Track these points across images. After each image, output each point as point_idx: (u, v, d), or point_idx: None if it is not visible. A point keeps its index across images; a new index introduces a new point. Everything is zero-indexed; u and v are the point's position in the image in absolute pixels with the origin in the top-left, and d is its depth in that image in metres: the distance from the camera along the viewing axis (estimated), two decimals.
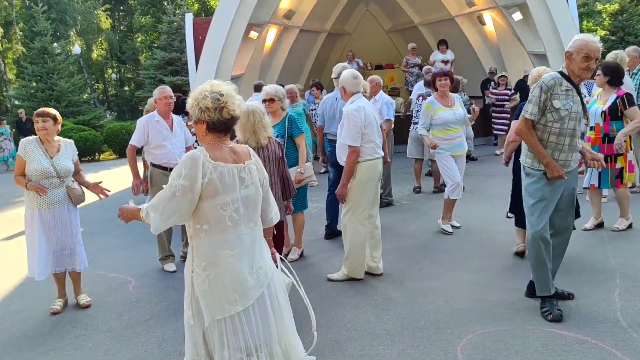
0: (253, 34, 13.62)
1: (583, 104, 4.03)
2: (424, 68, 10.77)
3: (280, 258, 3.22)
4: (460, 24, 15.04)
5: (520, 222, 5.26)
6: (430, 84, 6.74)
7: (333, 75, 6.32)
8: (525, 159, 4.16)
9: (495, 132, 12.25)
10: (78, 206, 4.91)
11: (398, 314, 4.30)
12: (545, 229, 4.01)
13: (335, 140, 5.38)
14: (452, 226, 6.53)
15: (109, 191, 4.90)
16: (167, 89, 5.88)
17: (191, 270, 2.75)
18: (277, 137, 5.54)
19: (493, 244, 5.89)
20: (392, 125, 7.85)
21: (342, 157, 5.01)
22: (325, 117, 6.62)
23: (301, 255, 5.90)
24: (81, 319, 4.63)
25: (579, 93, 3.98)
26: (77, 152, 4.95)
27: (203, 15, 31.47)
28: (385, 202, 7.92)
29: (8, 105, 27.55)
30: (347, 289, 4.92)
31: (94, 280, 5.59)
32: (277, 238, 4.55)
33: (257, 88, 9.25)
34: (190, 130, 6.26)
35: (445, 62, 13.29)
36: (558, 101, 3.89)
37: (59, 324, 4.57)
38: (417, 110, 8.66)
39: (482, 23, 14.61)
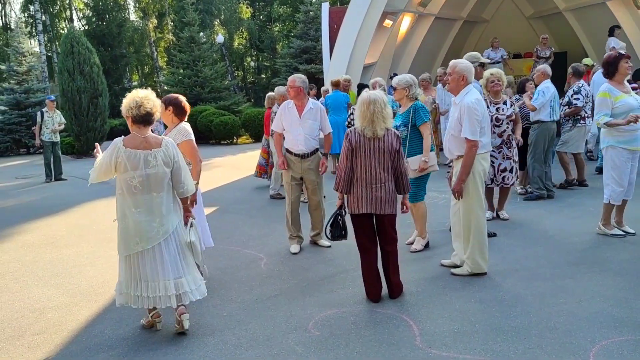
0: (387, 22, 13.63)
1: None
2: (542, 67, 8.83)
3: (191, 223, 4.18)
4: (612, 8, 13.88)
5: None
6: (610, 68, 5.79)
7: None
8: None
9: None
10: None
11: (525, 312, 4.15)
12: None
13: None
14: (619, 234, 5.87)
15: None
16: (292, 78, 5.85)
17: (114, 220, 4.00)
18: (401, 125, 5.58)
19: (638, 247, 5.46)
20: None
21: (451, 151, 4.98)
22: None
23: (426, 245, 5.85)
24: (217, 290, 4.98)
25: None
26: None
27: (339, 4, 31.89)
28: (536, 195, 7.59)
29: (159, 90, 30.00)
30: (472, 282, 4.82)
31: (229, 255, 6.01)
32: (386, 232, 4.52)
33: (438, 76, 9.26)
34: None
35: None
36: None
37: None
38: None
39: (639, 7, 13.36)
